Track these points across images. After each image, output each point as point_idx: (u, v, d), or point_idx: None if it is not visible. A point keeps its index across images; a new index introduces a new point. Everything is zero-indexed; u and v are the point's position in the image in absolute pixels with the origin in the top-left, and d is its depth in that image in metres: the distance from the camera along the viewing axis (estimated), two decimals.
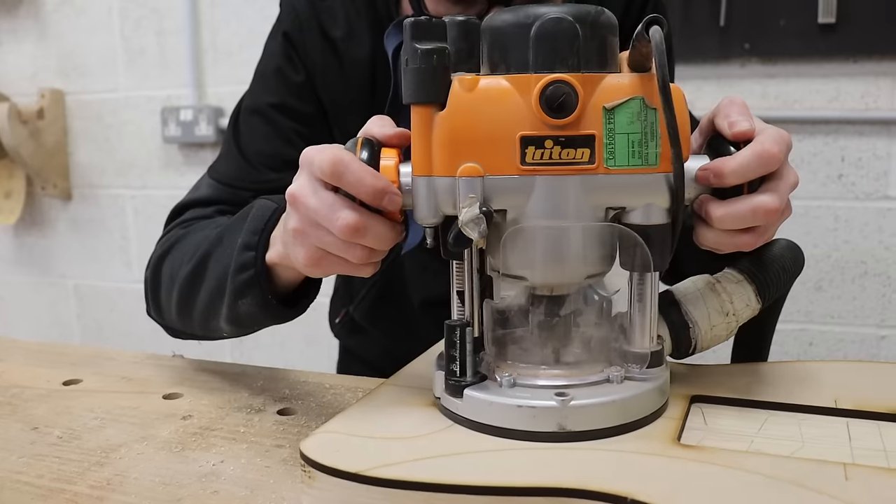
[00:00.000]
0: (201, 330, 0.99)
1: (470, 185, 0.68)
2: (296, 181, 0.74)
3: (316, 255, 0.75)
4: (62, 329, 2.90)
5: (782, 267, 0.85)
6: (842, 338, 2.09)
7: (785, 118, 2.02)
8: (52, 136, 2.68)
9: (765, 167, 0.71)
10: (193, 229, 1.05)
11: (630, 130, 0.67)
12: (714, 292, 0.82)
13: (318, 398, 0.96)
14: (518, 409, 0.69)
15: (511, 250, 0.72)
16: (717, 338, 0.82)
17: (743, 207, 0.71)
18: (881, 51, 1.93)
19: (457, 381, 0.72)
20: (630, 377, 0.73)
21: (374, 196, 0.70)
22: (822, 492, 0.59)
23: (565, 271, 0.73)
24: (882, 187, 2.00)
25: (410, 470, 0.63)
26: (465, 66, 0.70)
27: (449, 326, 0.72)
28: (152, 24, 2.56)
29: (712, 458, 0.65)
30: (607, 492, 0.59)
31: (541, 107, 0.66)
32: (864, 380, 0.82)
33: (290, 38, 1.14)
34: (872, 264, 2.04)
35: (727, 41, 2.00)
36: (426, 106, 0.69)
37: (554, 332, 0.76)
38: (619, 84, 0.67)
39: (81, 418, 0.92)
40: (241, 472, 0.77)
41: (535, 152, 0.66)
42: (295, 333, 2.53)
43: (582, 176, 0.67)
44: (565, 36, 0.66)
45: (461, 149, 0.68)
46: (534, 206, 0.69)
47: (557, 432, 0.68)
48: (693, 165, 0.72)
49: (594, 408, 0.69)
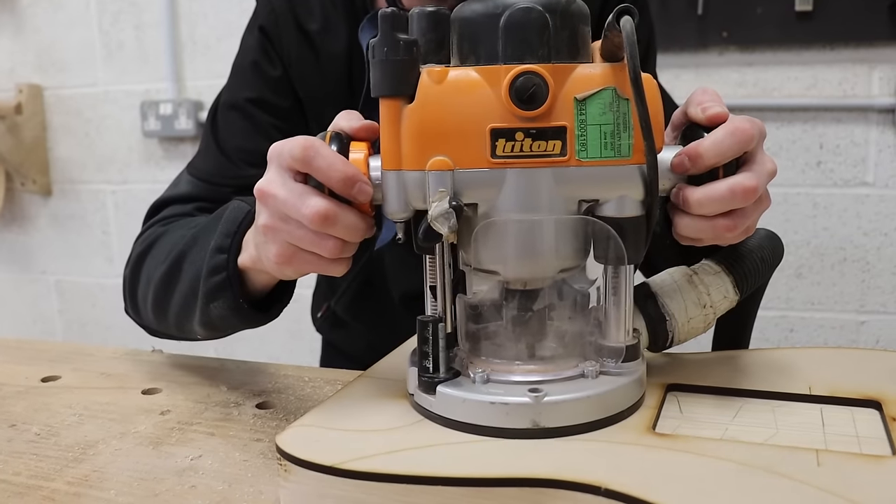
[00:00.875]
0: (177, 331, 0.99)
1: (440, 179, 0.67)
2: (265, 176, 0.73)
3: (287, 251, 0.73)
4: (44, 325, 2.88)
5: (760, 258, 0.84)
6: (822, 324, 2.10)
7: (763, 106, 2.03)
8: (30, 132, 2.67)
9: (739, 144, 0.70)
10: (171, 228, 1.04)
11: (602, 121, 0.66)
12: (691, 284, 0.81)
13: (297, 392, 0.96)
14: (491, 405, 0.68)
15: (483, 244, 0.71)
16: (694, 330, 0.81)
17: (720, 187, 0.70)
18: (857, 38, 1.94)
19: (430, 377, 0.71)
20: (605, 372, 0.72)
21: (344, 183, 0.69)
22: (793, 478, 0.59)
23: (538, 265, 0.71)
24: (860, 174, 2.01)
25: (385, 462, 0.63)
26: (434, 57, 0.69)
27: (421, 322, 0.71)
28: (130, 17, 2.54)
29: (686, 447, 0.65)
30: (581, 481, 0.60)
31: (511, 98, 0.65)
32: (838, 366, 0.83)
33: (266, 33, 1.14)
34: (851, 250, 2.05)
35: (705, 29, 2.01)
36: (394, 98, 0.68)
37: (528, 326, 0.74)
38: (591, 74, 0.66)
39: (59, 415, 0.91)
40: (220, 467, 0.77)
41: (505, 145, 0.66)
42: (278, 327, 2.51)
43: (554, 168, 0.67)
44: (535, 26, 0.65)
45: (430, 142, 0.67)
46: (505, 199, 0.68)
47: (531, 429, 0.67)
48: (667, 156, 0.71)
49: (568, 403, 0.68)
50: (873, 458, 0.63)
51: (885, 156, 1.98)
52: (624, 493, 0.58)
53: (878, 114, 1.98)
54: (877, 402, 0.74)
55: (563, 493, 0.60)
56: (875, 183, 2.00)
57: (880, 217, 2.02)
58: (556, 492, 0.60)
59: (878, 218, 2.02)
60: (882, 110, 1.97)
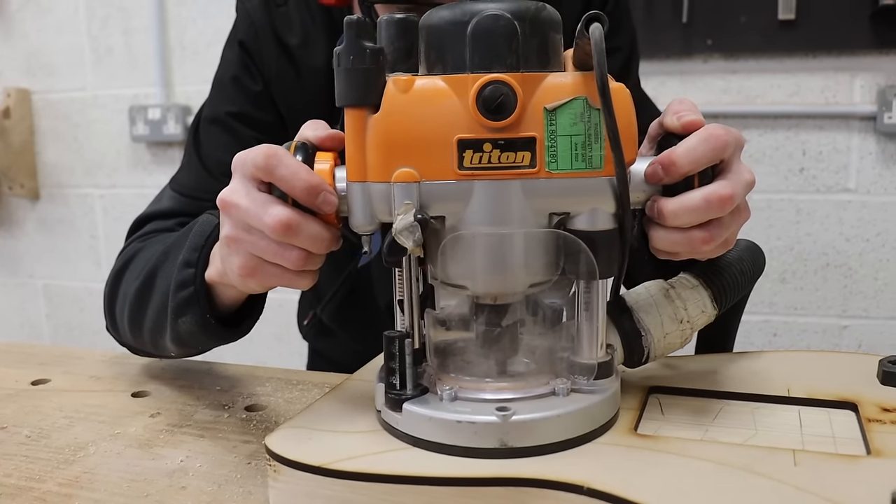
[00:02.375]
0: (152, 348, 0.98)
1: (405, 192, 0.65)
2: (228, 186, 0.72)
3: (251, 263, 0.72)
4: (31, 329, 2.88)
5: (740, 270, 0.83)
6: (805, 328, 2.13)
7: (747, 113, 2.05)
8: (18, 136, 2.67)
9: (714, 151, 0.68)
10: (148, 244, 1.03)
11: (573, 132, 0.64)
12: (668, 299, 0.79)
13: (286, 394, 0.97)
14: (458, 424, 0.65)
15: (450, 258, 0.68)
16: (670, 346, 0.79)
17: (695, 197, 0.67)
18: (839, 46, 1.96)
19: (397, 394, 0.69)
20: (577, 389, 0.70)
21: (308, 192, 0.67)
22: (771, 477, 0.61)
23: (507, 280, 0.69)
24: (842, 180, 2.03)
25: (373, 463, 0.65)
26: (403, 66, 0.67)
27: (388, 338, 0.69)
28: (119, 22, 2.55)
29: (667, 447, 0.67)
30: (564, 481, 0.61)
31: (478, 108, 0.63)
32: (817, 369, 0.84)
33: (245, 47, 1.13)
34: (834, 256, 2.07)
35: (690, 37, 2.03)
36: (359, 108, 0.66)
37: (497, 342, 0.72)
38: (562, 84, 0.65)
39: (50, 417, 0.92)
40: (209, 468, 0.78)
41: (473, 156, 0.64)
42: (265, 333, 2.53)
43: (523, 180, 0.65)
44: (503, 34, 0.63)
45: (396, 153, 0.65)
46: (473, 212, 0.65)
47: (499, 448, 0.65)
48: (642, 167, 0.69)
49: (537, 423, 0.66)
50: (848, 458, 0.65)
51: (867, 162, 2.01)
52: (606, 493, 0.59)
53: (859, 121, 2.00)
54: (853, 404, 0.75)
55: (547, 492, 0.61)
56: (857, 189, 2.03)
57: (862, 223, 2.04)
58: (539, 491, 0.62)
59: (860, 224, 2.04)
60: (863, 118, 1.99)
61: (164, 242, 0.98)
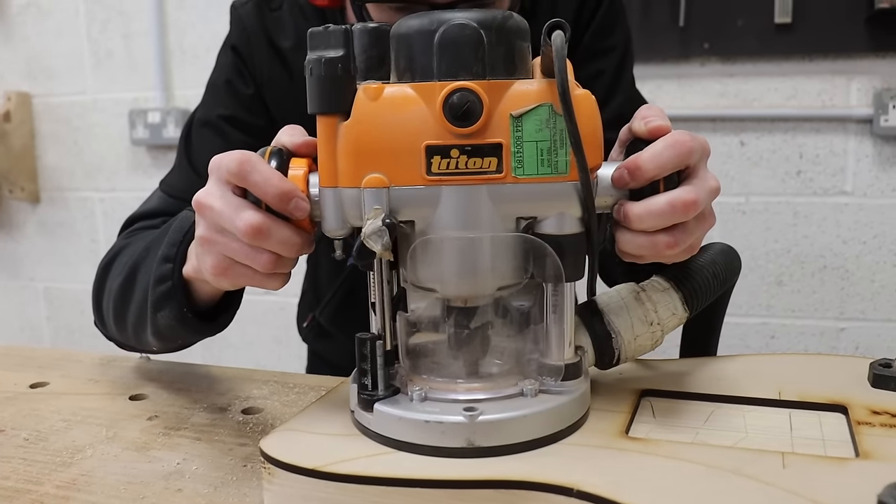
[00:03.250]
0: (136, 342, 0.99)
1: (375, 197, 0.66)
2: (204, 188, 0.73)
3: (223, 263, 0.73)
4: (32, 332, 2.89)
5: (713, 273, 0.84)
6: (802, 331, 2.13)
7: (744, 116, 2.06)
8: (19, 140, 2.68)
9: (679, 157, 0.69)
10: (132, 240, 1.05)
11: (539, 138, 0.66)
12: (638, 301, 0.80)
13: (282, 397, 0.98)
14: (426, 424, 0.67)
15: (420, 262, 0.70)
16: (641, 348, 0.80)
17: (660, 201, 0.68)
18: (836, 50, 1.97)
19: (369, 395, 0.70)
20: (546, 390, 0.71)
21: (280, 199, 0.69)
22: (759, 479, 0.62)
23: (475, 283, 0.70)
24: (839, 183, 2.04)
25: (366, 465, 0.65)
26: (376, 74, 0.68)
27: (359, 340, 0.71)
28: (119, 26, 2.56)
29: (657, 450, 0.67)
30: (554, 483, 0.62)
31: (445, 115, 0.64)
32: (808, 372, 0.85)
33: (238, 52, 1.15)
34: (831, 258, 2.08)
35: (687, 41, 2.04)
36: (330, 116, 0.67)
37: (467, 344, 0.73)
38: (527, 91, 0.66)
39: (48, 420, 0.93)
40: (205, 471, 0.79)
41: (440, 162, 0.65)
42: (265, 335, 2.55)
43: (490, 185, 0.66)
44: (469, 42, 0.65)
45: (366, 159, 0.66)
46: (441, 216, 0.67)
47: (466, 448, 0.66)
48: (608, 171, 0.70)
49: (504, 423, 0.67)
50: (837, 461, 0.65)
51: (863, 165, 2.02)
52: (595, 495, 0.60)
53: (856, 124, 2.01)
54: (843, 407, 0.76)
55: (537, 494, 0.62)
56: (854, 192, 2.04)
57: (859, 225, 2.05)
58: (530, 493, 0.62)
59: (857, 226, 2.05)
60: (860, 120, 2.00)
61: (146, 239, 0.99)
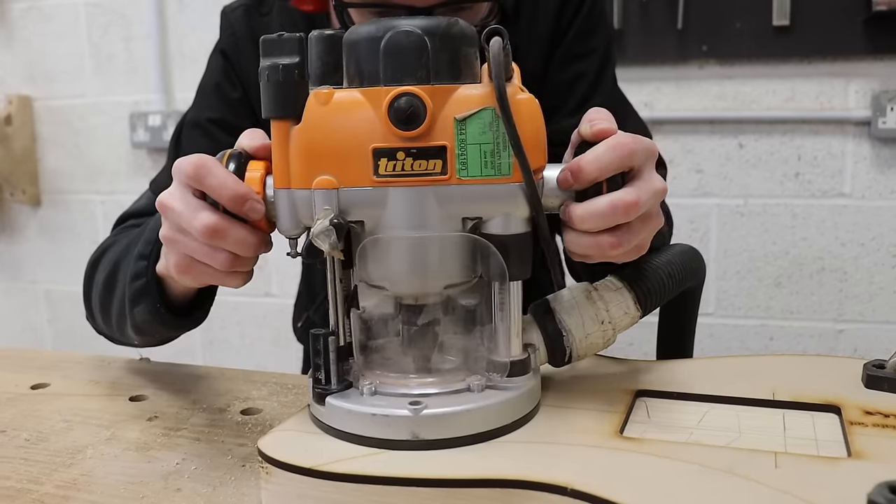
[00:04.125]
0: (121, 336, 1.02)
1: (325, 198, 0.68)
2: (167, 189, 0.76)
3: (184, 261, 0.76)
4: (33, 334, 2.90)
5: (668, 274, 0.85)
6: (801, 332, 2.14)
7: (742, 118, 2.07)
8: (20, 142, 2.69)
9: (620, 159, 0.71)
10: (119, 238, 1.07)
11: (482, 141, 0.68)
12: (589, 300, 0.81)
13: (281, 398, 0.99)
14: (373, 417, 0.69)
15: (370, 260, 0.72)
16: (593, 346, 0.81)
17: (600, 203, 0.70)
18: (834, 52, 1.98)
19: (322, 388, 0.73)
20: (493, 386, 0.73)
21: (234, 200, 0.71)
22: (751, 479, 0.62)
23: (423, 281, 0.73)
24: (837, 185, 2.05)
25: (362, 465, 0.66)
26: (332, 79, 0.70)
27: (313, 335, 0.73)
28: (120, 30, 2.57)
29: (651, 450, 0.68)
30: (548, 482, 0.62)
31: (390, 119, 0.66)
32: (801, 373, 0.85)
33: (227, 56, 1.18)
34: (829, 260, 2.09)
35: (685, 43, 2.04)
36: (283, 120, 0.70)
37: (416, 340, 0.76)
38: (471, 95, 0.68)
39: (49, 421, 0.94)
40: (204, 471, 0.80)
41: (387, 164, 0.67)
42: (265, 336, 2.55)
43: (435, 187, 0.68)
44: (413, 48, 0.67)
45: (316, 161, 0.69)
46: (389, 217, 0.69)
47: (411, 440, 0.69)
48: (554, 173, 0.72)
49: (447, 417, 0.69)
50: (829, 460, 0.66)
51: (861, 167, 2.02)
52: (588, 493, 0.61)
53: (854, 126, 2.01)
54: (836, 407, 0.77)
55: (532, 493, 0.63)
56: (852, 194, 2.04)
57: (857, 227, 2.05)
58: (524, 492, 0.63)
59: (855, 228, 2.06)
60: (858, 123, 2.01)
61: (129, 236, 1.02)
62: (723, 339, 2.18)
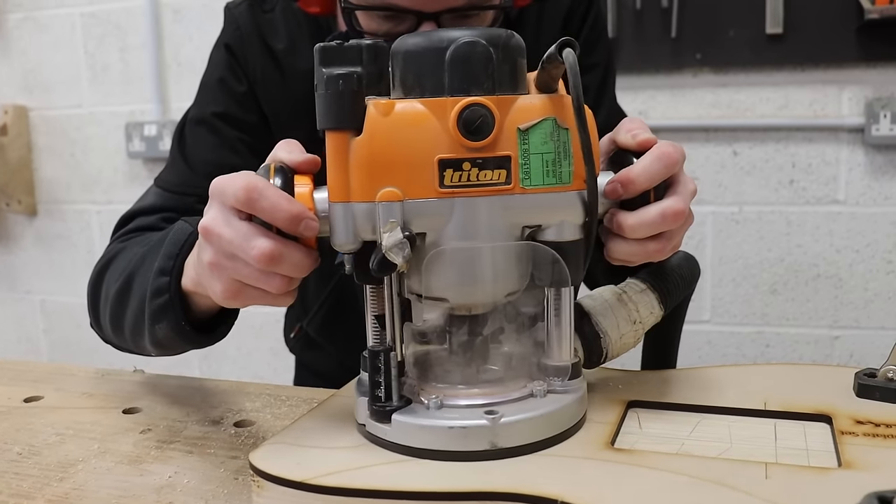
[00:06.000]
0: (134, 347, 1.00)
1: (390, 210, 0.67)
2: (207, 213, 0.73)
3: (233, 287, 0.73)
4: (29, 345, 2.89)
5: (680, 275, 0.89)
6: (797, 339, 2.14)
7: (736, 126, 2.07)
8: (16, 152, 2.69)
9: (667, 168, 0.74)
10: (129, 244, 1.05)
11: (544, 150, 0.69)
12: (621, 303, 0.84)
13: (274, 410, 0.99)
14: (450, 430, 0.69)
15: (434, 273, 0.71)
16: (626, 346, 0.84)
17: (653, 212, 0.73)
18: (827, 60, 1.99)
19: (382, 406, 0.72)
20: (552, 390, 0.74)
21: (290, 222, 0.69)
22: (741, 490, 0.62)
23: (486, 291, 0.73)
24: (832, 192, 2.05)
25: (353, 478, 0.66)
26: (374, 89, 0.69)
27: (372, 352, 0.72)
28: (115, 40, 2.57)
29: (642, 461, 0.68)
30: (539, 495, 0.62)
31: (458, 130, 0.66)
32: (792, 382, 0.86)
33: (231, 50, 1.16)
34: (824, 267, 2.09)
35: (679, 51, 2.05)
36: (341, 132, 0.68)
37: (475, 351, 0.76)
38: (532, 105, 0.69)
39: (41, 434, 0.93)
40: (197, 484, 0.79)
41: (453, 175, 0.67)
42: (262, 347, 2.55)
43: (499, 196, 0.68)
44: (480, 59, 0.67)
45: (380, 173, 0.68)
46: (453, 228, 0.69)
47: (489, 450, 0.69)
48: (601, 181, 0.73)
49: (523, 423, 0.70)
50: (819, 471, 0.66)
51: (855, 174, 2.03)
52: None
53: (847, 133, 2.02)
54: (827, 417, 0.77)
55: None
56: (846, 201, 2.05)
57: (852, 234, 2.06)
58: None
59: (850, 235, 2.06)
60: (851, 130, 2.01)
61: (142, 244, 1.00)
62: (719, 346, 2.18)
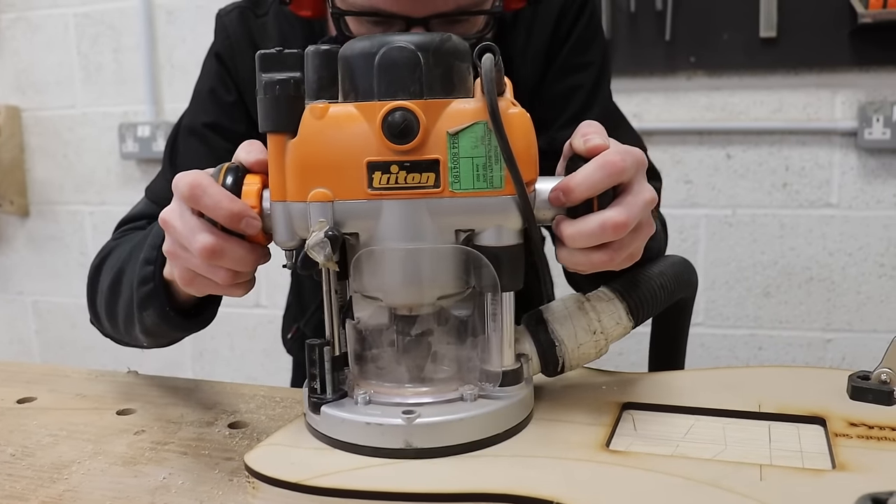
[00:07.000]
0: (128, 338, 1.03)
1: (320, 210, 0.70)
2: (168, 205, 0.77)
3: (187, 275, 0.78)
4: (21, 346, 2.88)
5: (660, 285, 0.87)
6: (790, 342, 2.14)
7: (730, 129, 2.08)
8: (8, 153, 2.68)
9: (610, 178, 0.71)
10: (121, 241, 1.08)
11: (474, 154, 0.69)
12: (582, 311, 0.82)
13: (269, 411, 0.99)
14: (367, 426, 0.71)
15: (365, 272, 0.74)
16: (585, 356, 0.82)
17: (590, 223, 0.71)
18: (820, 63, 1.99)
19: (317, 398, 0.75)
20: (486, 395, 0.74)
21: (230, 219, 0.72)
22: (736, 491, 0.63)
23: (417, 292, 0.74)
24: (825, 195, 2.06)
25: (348, 479, 0.66)
26: (327, 93, 0.71)
27: (309, 345, 0.75)
28: (109, 41, 2.57)
29: (637, 463, 0.68)
30: (535, 496, 0.63)
31: (384, 133, 0.68)
32: (787, 384, 0.86)
33: (221, 60, 1.17)
34: (817, 270, 2.10)
35: (673, 55, 2.05)
36: (279, 134, 0.71)
37: (410, 351, 0.77)
38: (464, 109, 0.69)
39: (35, 436, 0.93)
40: (191, 485, 0.79)
41: (381, 177, 0.68)
42: (256, 348, 2.55)
43: (428, 199, 0.69)
44: (407, 64, 0.68)
45: (312, 174, 0.70)
46: (384, 229, 0.71)
47: (404, 449, 0.70)
48: (547, 187, 0.73)
49: (440, 425, 0.71)
50: (813, 472, 0.66)
51: (848, 178, 2.04)
52: None
53: (840, 137, 2.03)
54: (821, 419, 0.77)
55: None
56: (839, 204, 2.05)
57: (844, 237, 2.06)
58: None
59: (843, 238, 2.07)
60: (845, 133, 2.02)
61: (131, 241, 1.03)
62: (712, 348, 2.19)
